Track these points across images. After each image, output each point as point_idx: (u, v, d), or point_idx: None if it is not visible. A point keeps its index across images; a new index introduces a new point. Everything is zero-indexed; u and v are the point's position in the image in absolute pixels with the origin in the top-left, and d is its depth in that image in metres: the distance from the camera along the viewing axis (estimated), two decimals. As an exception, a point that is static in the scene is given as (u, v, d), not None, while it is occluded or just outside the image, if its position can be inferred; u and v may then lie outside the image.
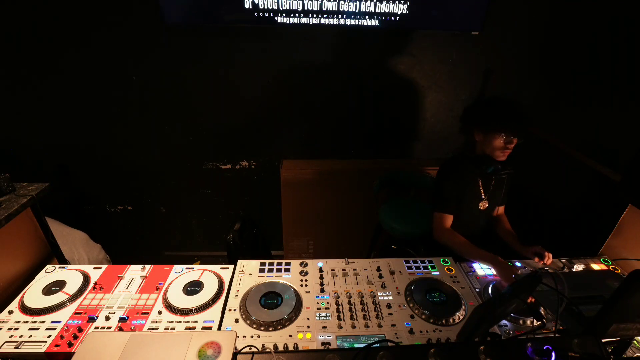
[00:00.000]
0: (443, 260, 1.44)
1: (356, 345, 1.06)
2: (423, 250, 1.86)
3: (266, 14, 1.91)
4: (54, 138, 2.25)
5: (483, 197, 1.64)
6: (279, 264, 1.39)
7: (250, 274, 1.33)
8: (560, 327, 1.09)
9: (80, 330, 1.08)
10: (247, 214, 2.57)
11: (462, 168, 1.61)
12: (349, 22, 1.97)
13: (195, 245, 2.81)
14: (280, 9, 1.90)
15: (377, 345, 0.86)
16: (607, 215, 1.59)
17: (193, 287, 1.25)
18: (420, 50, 2.20)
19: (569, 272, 1.43)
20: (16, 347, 1.02)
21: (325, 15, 1.94)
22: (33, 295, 1.20)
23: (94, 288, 1.25)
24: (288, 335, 1.09)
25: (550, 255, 1.45)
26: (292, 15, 1.93)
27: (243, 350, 0.89)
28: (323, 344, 1.06)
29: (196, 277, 1.29)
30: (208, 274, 1.31)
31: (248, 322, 1.12)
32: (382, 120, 2.41)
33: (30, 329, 1.08)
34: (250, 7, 1.89)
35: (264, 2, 1.88)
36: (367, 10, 1.94)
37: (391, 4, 1.93)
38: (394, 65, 2.23)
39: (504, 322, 1.16)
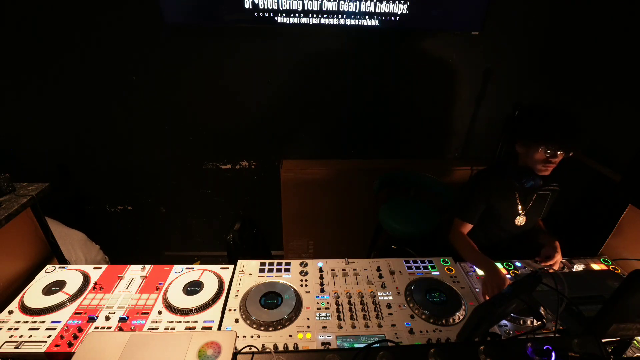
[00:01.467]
0: (443, 260, 1.44)
1: (356, 345, 1.06)
2: (423, 250, 1.86)
3: (266, 14, 1.91)
4: (54, 138, 2.25)
5: (520, 212, 1.53)
6: (279, 264, 1.39)
7: (250, 274, 1.33)
8: (560, 327, 1.09)
9: (80, 330, 1.08)
10: (247, 214, 2.57)
11: (499, 179, 1.51)
12: (349, 22, 1.97)
13: (195, 245, 2.81)
14: (280, 9, 1.90)
15: (377, 345, 0.86)
16: (607, 215, 1.59)
17: (193, 287, 1.25)
18: (420, 50, 2.20)
19: (569, 272, 1.43)
20: (16, 347, 1.02)
21: (325, 16, 1.94)
22: (33, 295, 1.20)
23: (94, 288, 1.25)
24: (288, 335, 1.09)
25: (558, 262, 1.43)
26: (292, 15, 1.93)
27: (243, 350, 0.89)
28: (323, 344, 1.06)
29: (196, 277, 1.29)
30: (208, 274, 1.31)
31: (248, 322, 1.12)
32: (382, 120, 2.41)
33: (30, 329, 1.08)
34: (250, 7, 1.89)
35: (264, 2, 1.88)
36: (367, 10, 1.94)
37: (391, 4, 1.93)
38: (394, 65, 2.23)
39: (504, 322, 1.16)
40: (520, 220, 1.55)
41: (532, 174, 1.41)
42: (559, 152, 1.33)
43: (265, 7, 1.89)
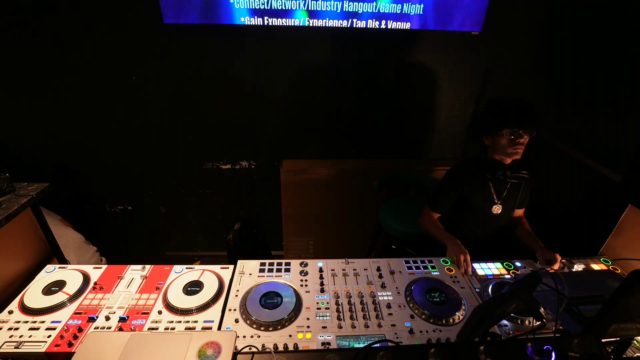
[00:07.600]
0: (443, 260, 1.45)
1: (356, 345, 1.06)
2: (423, 250, 1.86)
3: (267, 15, 1.91)
4: (55, 138, 2.25)
5: (496, 201, 1.63)
6: (279, 264, 1.39)
7: (250, 274, 1.33)
8: (560, 327, 1.09)
9: (80, 330, 1.08)
10: (247, 214, 2.57)
11: (472, 172, 1.61)
12: (350, 23, 1.97)
13: (195, 245, 2.81)
14: (281, 8, 1.90)
15: (377, 345, 0.86)
16: (607, 215, 1.59)
17: (193, 287, 1.25)
18: (421, 51, 2.20)
19: (569, 272, 1.43)
20: (16, 347, 1.02)
21: (325, 17, 1.95)
22: (33, 295, 1.20)
23: (94, 288, 1.25)
24: (288, 335, 1.09)
25: (558, 261, 1.44)
26: (292, 15, 1.93)
27: (243, 350, 0.89)
28: (323, 344, 1.06)
29: (196, 277, 1.29)
30: (208, 274, 1.31)
31: (248, 322, 1.12)
32: (382, 120, 2.41)
33: (30, 329, 1.08)
34: (251, 7, 1.89)
35: (264, 3, 1.88)
36: (367, 11, 1.94)
37: (391, 5, 1.93)
38: (394, 65, 2.23)
39: (504, 322, 1.16)
40: (497, 209, 1.64)
41: (501, 164, 1.52)
42: (521, 132, 1.44)
43: (266, 8, 1.89)
